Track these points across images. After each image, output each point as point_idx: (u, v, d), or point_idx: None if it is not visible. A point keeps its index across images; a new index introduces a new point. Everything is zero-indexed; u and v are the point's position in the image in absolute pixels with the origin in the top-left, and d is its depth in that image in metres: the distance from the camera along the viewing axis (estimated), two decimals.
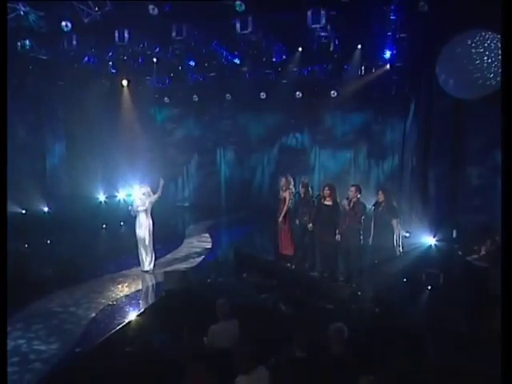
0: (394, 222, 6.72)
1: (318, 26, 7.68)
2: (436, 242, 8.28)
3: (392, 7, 7.33)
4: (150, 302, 6.70)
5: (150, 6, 7.24)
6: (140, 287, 7.18)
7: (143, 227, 7.71)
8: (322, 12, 7.53)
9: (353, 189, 7.01)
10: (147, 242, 7.73)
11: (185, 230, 11.02)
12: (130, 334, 4.52)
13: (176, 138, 13.46)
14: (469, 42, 7.47)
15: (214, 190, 13.10)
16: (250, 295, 6.73)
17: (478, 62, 7.44)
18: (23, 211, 10.66)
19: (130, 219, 10.20)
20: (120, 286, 7.10)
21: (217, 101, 12.40)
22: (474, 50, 7.45)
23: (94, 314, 6.05)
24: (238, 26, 7.89)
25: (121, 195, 12.45)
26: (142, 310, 6.28)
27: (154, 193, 7.84)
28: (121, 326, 5.65)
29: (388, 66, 9.95)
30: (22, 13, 8.40)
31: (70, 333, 5.52)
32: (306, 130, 12.34)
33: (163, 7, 7.38)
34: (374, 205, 6.94)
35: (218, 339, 4.80)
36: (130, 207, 7.90)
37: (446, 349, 5.22)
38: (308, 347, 4.49)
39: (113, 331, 5.52)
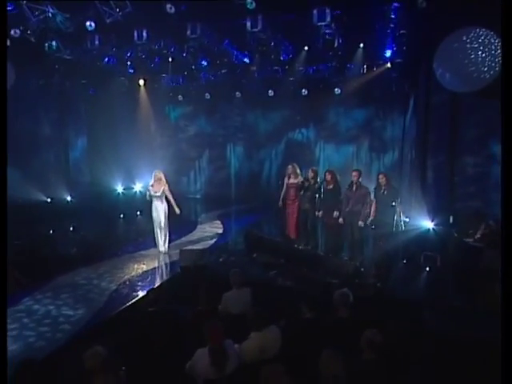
0: (395, 202, 6.87)
1: (323, 23, 7.82)
2: (434, 226, 8.39)
3: (393, 5, 7.45)
4: (166, 277, 6.90)
5: (168, 5, 7.44)
6: (157, 265, 7.37)
7: (159, 211, 7.89)
8: (327, 10, 7.70)
9: (355, 173, 7.22)
10: (162, 225, 7.91)
11: (197, 218, 11.18)
12: (150, 299, 4.69)
13: (189, 134, 13.64)
14: (464, 38, 7.59)
15: (225, 182, 13.26)
16: (259, 272, 6.93)
17: (472, 56, 7.56)
18: (48, 200, 10.91)
19: (146, 209, 10.41)
20: (138, 264, 7.31)
21: (227, 99, 12.53)
22: (469, 46, 7.57)
23: (115, 286, 6.29)
24: (248, 24, 8.05)
25: (137, 187, 12.71)
26: (160, 283, 6.49)
27: (167, 181, 7.99)
28: (141, 296, 5.88)
29: (389, 64, 10.10)
30: (50, 14, 8.65)
31: (95, 301, 5.77)
32: (311, 126, 12.44)
33: (179, 6, 7.57)
34: (375, 188, 7.10)
35: (231, 305, 4.97)
36: (147, 192, 8.01)
37: (443, 316, 5.38)
38: (316, 310, 4.66)
39: (134, 300, 5.76)
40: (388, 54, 9.69)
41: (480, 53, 7.51)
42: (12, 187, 10.16)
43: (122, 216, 10.95)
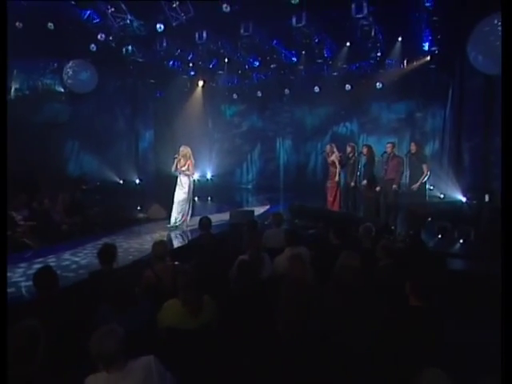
0: (424, 166, 7.26)
1: (361, 15, 8.43)
2: (468, 201, 8.54)
3: None
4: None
5: (224, 5, 8.46)
6: None
7: (183, 186, 7.76)
8: (364, 4, 8.31)
9: (389, 145, 7.70)
10: (184, 200, 7.72)
11: (248, 201, 11.99)
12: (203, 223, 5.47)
13: (242, 130, 14.58)
14: (495, 22, 7.85)
15: (274, 173, 13.99)
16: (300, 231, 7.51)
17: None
18: (121, 181, 12.27)
19: (203, 196, 11.39)
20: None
21: (277, 96, 13.33)
22: (499, 28, 7.81)
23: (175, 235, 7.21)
24: (293, 20, 8.86)
25: (195, 176, 13.78)
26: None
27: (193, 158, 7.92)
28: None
29: (428, 57, 10.43)
30: (128, 21, 10.05)
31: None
32: (354, 120, 12.87)
33: (234, 5, 8.54)
34: (406, 153, 7.52)
35: (270, 240, 5.60)
36: (173, 167, 7.81)
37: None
38: (342, 237, 5.18)
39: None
40: (426, 46, 10.05)
41: None
42: (93, 170, 11.72)
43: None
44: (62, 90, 11.25)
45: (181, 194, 7.73)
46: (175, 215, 7.71)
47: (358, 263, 3.80)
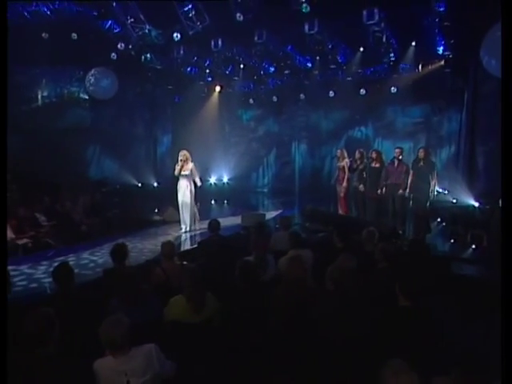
0: (433, 174, 7.32)
1: (372, 21, 8.59)
2: (481, 206, 8.54)
3: None
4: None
5: (237, 14, 8.76)
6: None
7: (185, 191, 7.87)
8: (376, 10, 8.47)
9: (398, 150, 7.81)
10: (189, 203, 7.84)
11: (263, 204, 12.24)
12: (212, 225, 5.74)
13: (258, 134, 14.82)
14: None
15: (289, 177, 14.14)
16: (309, 236, 7.70)
17: None
18: (139, 184, 12.72)
19: (219, 199, 11.68)
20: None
21: (292, 101, 13.52)
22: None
23: (185, 235, 7.54)
24: (306, 27, 9.09)
25: (212, 180, 14.17)
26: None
27: (193, 161, 8.02)
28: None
29: (442, 62, 10.45)
30: (147, 31, 10.49)
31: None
32: (369, 124, 12.92)
33: (247, 14, 8.83)
34: (414, 160, 7.60)
35: (277, 243, 5.80)
36: (176, 171, 7.93)
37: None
38: (346, 242, 5.35)
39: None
40: (440, 51, 10.08)
41: None
42: (112, 174, 12.21)
43: (198, 204, 12.33)
44: (86, 97, 11.78)
45: (186, 197, 7.87)
46: (185, 220, 7.90)
47: (354, 265, 4.00)
